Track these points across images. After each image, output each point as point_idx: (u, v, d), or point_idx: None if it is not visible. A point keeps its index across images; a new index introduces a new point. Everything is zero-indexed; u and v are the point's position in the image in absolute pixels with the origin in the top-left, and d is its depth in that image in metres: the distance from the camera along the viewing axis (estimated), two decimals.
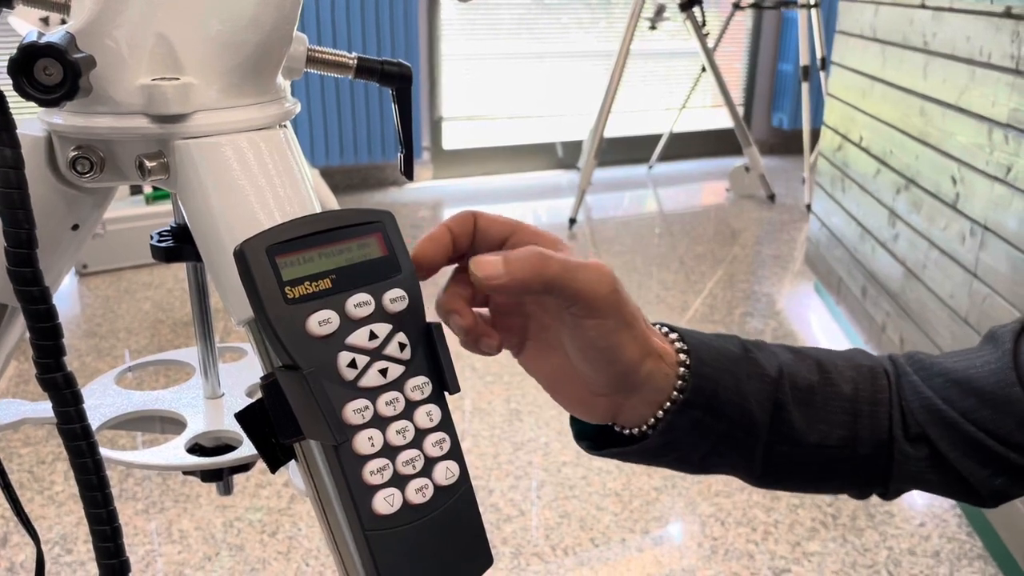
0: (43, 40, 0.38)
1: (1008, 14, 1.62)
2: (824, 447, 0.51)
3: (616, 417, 0.49)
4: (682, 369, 0.47)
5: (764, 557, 1.61)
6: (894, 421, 0.53)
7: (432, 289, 0.44)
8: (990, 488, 0.53)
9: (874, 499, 1.77)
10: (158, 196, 2.99)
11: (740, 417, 0.49)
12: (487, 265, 0.42)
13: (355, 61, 0.55)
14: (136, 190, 3.01)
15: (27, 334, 0.43)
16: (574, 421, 0.52)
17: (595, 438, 0.51)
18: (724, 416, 0.48)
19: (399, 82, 0.56)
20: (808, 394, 0.51)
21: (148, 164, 0.44)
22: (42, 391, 0.40)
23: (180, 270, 2.88)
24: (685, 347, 0.48)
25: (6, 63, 0.38)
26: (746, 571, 1.57)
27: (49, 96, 0.38)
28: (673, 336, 0.49)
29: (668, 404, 0.47)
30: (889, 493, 0.55)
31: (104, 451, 0.47)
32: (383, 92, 3.59)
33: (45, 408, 0.70)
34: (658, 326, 0.50)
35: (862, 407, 0.52)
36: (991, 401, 0.51)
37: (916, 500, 1.78)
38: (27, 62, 0.38)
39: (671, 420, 0.47)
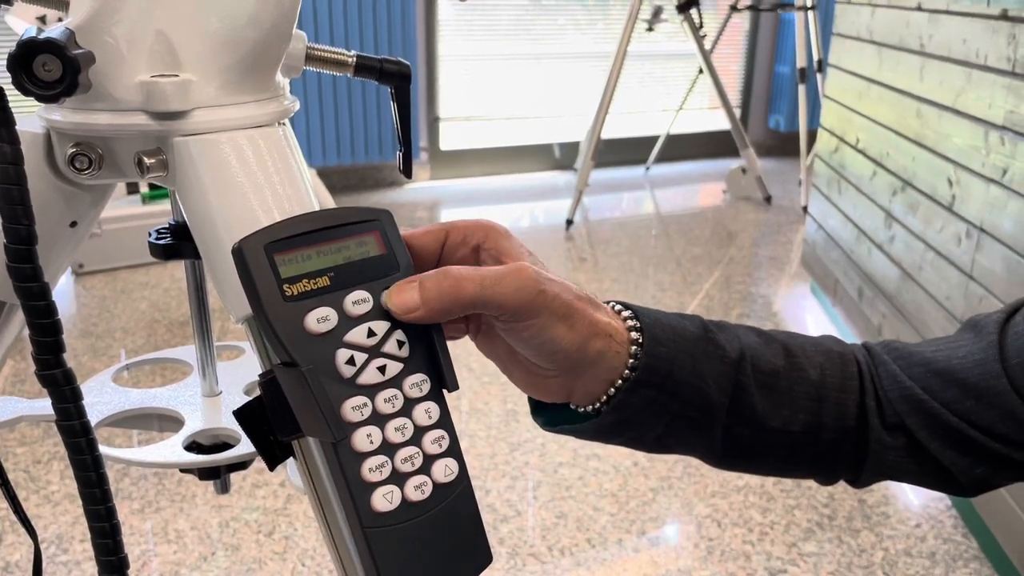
0: (43, 36, 0.38)
1: (1004, 16, 1.63)
2: (788, 432, 0.51)
3: (571, 396, 0.48)
4: (634, 347, 0.47)
5: (760, 558, 1.61)
6: (869, 410, 0.52)
7: None
8: (971, 477, 0.52)
9: (871, 499, 1.78)
10: (155, 196, 2.98)
11: (696, 398, 0.48)
12: (402, 296, 0.41)
13: (354, 59, 0.55)
14: (132, 189, 3.00)
15: (25, 331, 0.43)
16: (531, 397, 0.51)
17: (551, 414, 0.51)
18: (679, 396, 0.48)
19: (398, 80, 0.56)
20: (772, 378, 0.50)
21: (147, 161, 0.44)
22: (39, 390, 0.40)
23: (176, 270, 2.88)
24: (638, 325, 0.48)
25: (6, 60, 0.38)
26: (742, 572, 1.57)
27: (48, 92, 0.38)
28: (626, 314, 0.48)
29: (620, 382, 0.47)
30: (860, 481, 0.54)
31: (102, 448, 0.47)
32: (381, 92, 3.59)
33: (42, 406, 0.70)
34: (611, 304, 0.49)
35: (828, 393, 0.52)
36: (974, 392, 0.51)
37: (912, 501, 1.79)
38: (27, 58, 0.38)
39: (623, 398, 0.47)
